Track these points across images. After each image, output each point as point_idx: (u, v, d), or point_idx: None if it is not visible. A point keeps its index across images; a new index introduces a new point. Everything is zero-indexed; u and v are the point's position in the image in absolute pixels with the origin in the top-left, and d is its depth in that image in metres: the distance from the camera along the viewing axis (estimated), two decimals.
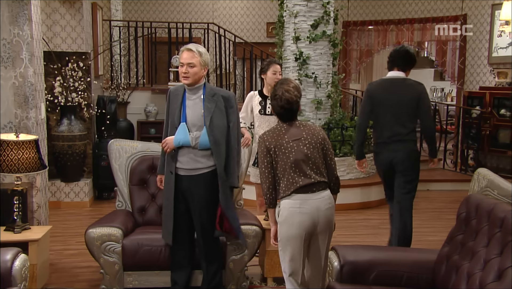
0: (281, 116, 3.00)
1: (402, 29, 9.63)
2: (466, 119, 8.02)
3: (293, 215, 2.84)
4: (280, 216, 2.89)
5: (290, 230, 2.86)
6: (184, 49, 3.37)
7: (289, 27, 6.45)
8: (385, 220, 5.88)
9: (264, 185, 2.90)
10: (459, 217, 2.74)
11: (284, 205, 2.87)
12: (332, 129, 6.38)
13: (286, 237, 2.88)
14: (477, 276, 2.36)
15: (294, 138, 2.92)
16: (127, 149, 4.07)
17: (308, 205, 2.85)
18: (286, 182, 2.86)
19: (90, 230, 3.56)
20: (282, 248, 2.92)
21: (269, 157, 2.89)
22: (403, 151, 4.02)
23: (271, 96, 3.02)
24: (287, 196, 2.86)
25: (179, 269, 3.53)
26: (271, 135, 2.94)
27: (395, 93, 4.03)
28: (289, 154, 2.88)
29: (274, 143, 2.90)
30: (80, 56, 6.18)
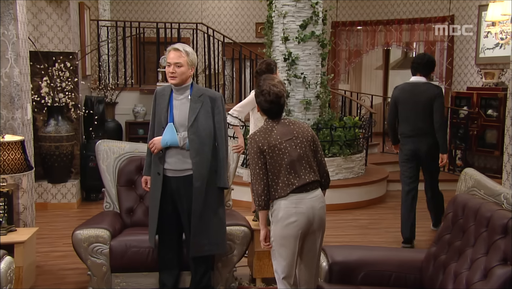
0: (269, 113, 2.96)
1: (390, 29, 9.70)
2: (454, 119, 8.09)
3: (289, 215, 2.84)
4: (275, 216, 2.88)
5: (285, 229, 2.85)
6: (170, 48, 3.36)
7: (278, 28, 6.46)
8: (374, 220, 5.93)
9: (258, 186, 2.84)
10: (447, 217, 2.76)
11: (280, 205, 2.86)
12: (321, 130, 6.40)
13: (281, 237, 2.86)
14: (463, 275, 2.38)
15: (286, 138, 2.90)
16: (115, 149, 4.05)
17: (303, 205, 2.86)
18: (281, 184, 2.84)
19: (77, 231, 3.54)
20: (276, 248, 2.90)
21: (263, 158, 2.85)
22: (425, 142, 4.86)
23: (256, 94, 2.97)
24: (283, 197, 2.85)
25: (167, 270, 3.52)
26: (262, 136, 2.89)
27: (416, 95, 4.85)
28: (283, 155, 2.86)
29: (267, 145, 2.86)
30: (67, 56, 6.13)
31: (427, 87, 4.87)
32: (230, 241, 3.65)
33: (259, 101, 2.96)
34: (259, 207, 2.88)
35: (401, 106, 4.94)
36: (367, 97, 9.82)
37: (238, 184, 5.68)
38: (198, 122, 3.33)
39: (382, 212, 6.32)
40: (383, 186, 6.96)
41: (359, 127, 6.99)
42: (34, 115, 5.89)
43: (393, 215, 6.15)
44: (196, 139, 3.32)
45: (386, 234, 5.44)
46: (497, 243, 2.27)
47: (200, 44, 9.25)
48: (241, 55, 8.45)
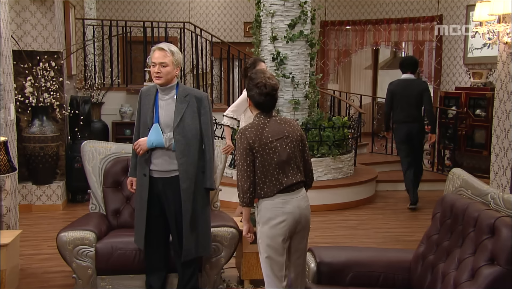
0: (263, 106, 2.92)
1: (379, 29, 9.75)
2: (442, 119, 8.15)
3: (277, 215, 2.84)
4: (261, 217, 2.87)
5: (273, 230, 2.85)
6: (155, 48, 3.34)
7: (266, 27, 6.46)
8: (363, 221, 5.96)
9: (244, 184, 2.83)
10: (435, 217, 2.78)
11: (266, 205, 2.86)
12: (310, 130, 6.41)
13: (269, 238, 2.86)
14: (451, 275, 2.39)
15: (278, 138, 2.89)
16: (100, 150, 4.02)
17: (290, 204, 2.86)
18: (268, 183, 2.84)
19: (62, 233, 3.51)
20: (264, 250, 2.90)
21: (251, 155, 2.82)
22: (416, 127, 6.22)
23: (249, 87, 2.91)
24: (269, 196, 2.85)
25: (154, 272, 3.50)
26: (254, 132, 2.85)
27: (408, 88, 6.16)
28: (273, 155, 2.85)
29: (258, 142, 2.84)
30: (52, 56, 6.08)
31: (417, 82, 6.32)
32: (218, 242, 3.64)
33: (252, 95, 2.90)
34: (244, 203, 2.88)
35: (397, 98, 6.20)
36: (356, 97, 9.87)
37: (227, 185, 5.67)
38: (184, 123, 3.32)
39: (371, 212, 6.35)
40: (372, 186, 6.99)
41: (348, 128, 7.01)
42: (18, 115, 5.83)
43: (382, 216, 6.19)
44: (182, 140, 3.31)
45: (375, 234, 5.46)
46: (484, 243, 2.29)
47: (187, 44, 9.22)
48: (229, 55, 8.44)
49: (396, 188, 7.49)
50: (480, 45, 8.04)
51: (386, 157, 8.61)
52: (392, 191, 7.41)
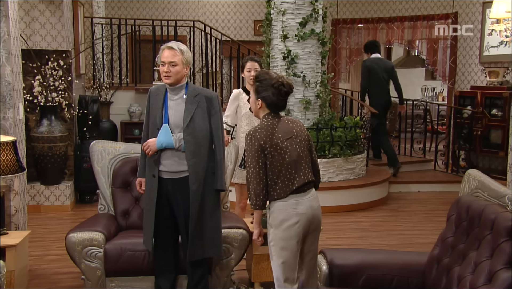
0: (276, 107, 2.92)
1: (392, 27, 9.70)
2: (457, 119, 8.09)
3: (290, 216, 2.84)
4: (274, 219, 2.86)
5: (287, 232, 2.84)
6: (164, 47, 3.34)
7: (277, 25, 6.45)
8: (375, 223, 5.93)
9: (257, 186, 2.82)
10: (450, 219, 2.76)
11: (279, 207, 2.85)
12: (321, 130, 6.40)
13: (282, 240, 2.85)
14: (467, 279, 2.37)
15: (287, 137, 2.89)
16: (109, 150, 4.04)
17: (303, 205, 2.87)
18: (281, 184, 2.84)
19: (71, 234, 3.53)
20: (277, 252, 2.88)
21: (263, 156, 2.82)
22: (388, 99, 7.75)
23: (264, 88, 2.89)
24: (282, 198, 2.84)
25: (163, 274, 3.51)
26: (264, 133, 2.85)
27: (380, 65, 7.58)
28: (284, 155, 2.85)
29: (269, 143, 2.83)
30: (61, 55, 6.12)
31: (385, 61, 8.08)
32: (228, 244, 3.64)
33: (267, 95, 2.88)
34: (256, 206, 2.87)
35: (373, 74, 7.52)
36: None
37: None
38: (194, 123, 3.32)
39: (383, 214, 6.32)
40: (384, 187, 6.96)
41: (360, 128, 6.99)
42: (27, 115, 5.87)
43: (395, 217, 6.16)
44: (192, 141, 3.31)
45: (388, 236, 5.44)
46: (502, 246, 2.27)
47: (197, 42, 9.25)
48: (239, 54, 8.45)
49: (410, 189, 7.45)
50: (497, 43, 7.97)
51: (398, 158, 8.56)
52: (405, 192, 7.37)
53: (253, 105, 3.00)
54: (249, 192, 2.89)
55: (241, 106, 4.54)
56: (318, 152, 6.35)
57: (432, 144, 8.81)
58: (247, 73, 4.49)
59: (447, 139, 8.33)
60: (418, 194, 7.35)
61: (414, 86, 12.59)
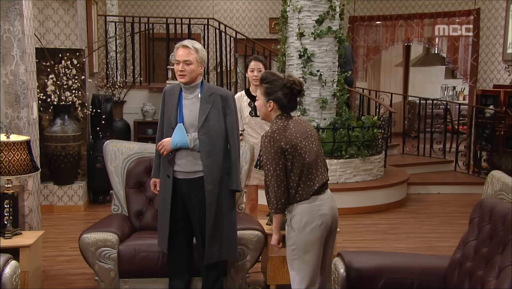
0: (289, 107, 2.89)
1: (411, 24, 9.63)
2: (479, 119, 7.99)
3: (314, 218, 2.83)
4: (298, 221, 2.82)
5: (312, 234, 2.82)
6: (179, 46, 3.35)
7: (293, 23, 6.44)
8: (394, 225, 5.89)
9: (278, 189, 2.78)
10: (472, 222, 2.73)
11: (303, 209, 2.82)
12: (338, 130, 6.37)
13: (307, 243, 2.83)
14: (491, 284, 2.34)
15: (304, 136, 2.87)
16: (123, 150, 4.07)
17: (325, 206, 2.87)
18: (303, 185, 2.82)
19: (85, 235, 3.55)
20: (299, 256, 2.84)
21: (283, 158, 2.78)
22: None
23: (274, 89, 2.85)
24: (305, 199, 2.82)
25: (177, 276, 3.52)
26: (283, 134, 2.81)
27: None
28: (304, 155, 2.83)
29: (289, 144, 2.79)
30: (74, 53, 6.18)
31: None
32: (243, 246, 3.64)
33: (279, 96, 2.84)
34: (277, 210, 2.83)
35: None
36: (386, 96, 9.77)
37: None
38: (209, 123, 3.33)
39: (402, 216, 6.28)
40: (403, 189, 6.91)
41: (378, 127, 6.94)
42: (40, 114, 5.94)
43: (414, 220, 6.12)
44: (207, 140, 3.32)
45: (407, 239, 5.40)
46: None
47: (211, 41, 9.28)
48: (254, 52, 8.45)
49: (429, 190, 7.39)
50: None
51: (418, 158, 8.51)
52: (424, 194, 7.31)
53: (262, 108, 2.92)
54: (268, 196, 2.86)
55: (243, 110, 4.50)
56: (334, 152, 6.34)
57: (452, 144, 8.73)
58: (250, 73, 4.48)
59: (469, 139, 8.24)
60: (438, 195, 7.28)
61: (433, 85, 12.49)
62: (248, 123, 4.51)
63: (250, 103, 4.49)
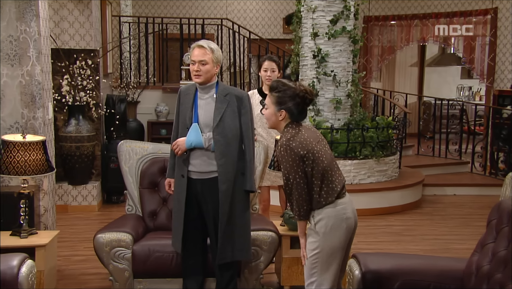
0: (302, 115, 2.89)
1: (427, 24, 9.56)
2: (496, 119, 7.91)
3: (341, 222, 2.83)
4: (323, 226, 2.82)
5: (337, 238, 2.83)
6: (195, 46, 3.37)
7: (307, 23, 6.43)
8: (409, 227, 5.86)
9: (299, 197, 2.79)
10: (490, 224, 2.70)
11: (329, 213, 2.82)
12: (352, 130, 6.35)
13: (332, 248, 2.83)
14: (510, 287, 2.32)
15: (317, 141, 2.88)
16: (137, 150, 4.10)
17: (348, 209, 2.87)
18: (326, 189, 2.82)
19: (99, 235, 3.58)
20: (324, 260, 2.83)
21: (302, 165, 2.79)
22: None
23: (285, 99, 2.84)
24: (331, 203, 2.82)
25: (191, 276, 3.54)
26: (298, 141, 2.80)
27: None
28: (322, 158, 2.83)
29: (306, 149, 2.79)
30: (89, 54, 6.24)
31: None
32: (257, 246, 3.65)
33: (292, 106, 2.84)
34: (301, 217, 2.84)
35: None
36: (401, 96, 9.71)
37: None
38: (224, 123, 3.34)
39: (417, 217, 6.24)
40: (418, 190, 6.87)
41: (393, 128, 6.91)
42: (55, 114, 5.99)
43: (429, 221, 6.08)
44: (222, 140, 3.34)
45: (422, 241, 5.36)
46: None
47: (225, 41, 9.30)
48: (267, 52, 8.46)
49: (445, 192, 7.33)
50: None
51: (433, 159, 8.45)
52: (440, 195, 7.26)
53: (272, 117, 2.90)
54: (290, 204, 2.87)
55: (254, 108, 4.50)
56: (349, 153, 6.32)
57: (468, 145, 8.64)
58: (264, 73, 4.48)
59: (485, 140, 8.16)
60: (454, 197, 7.22)
61: (449, 85, 12.39)
62: (259, 122, 4.52)
63: (261, 101, 4.50)
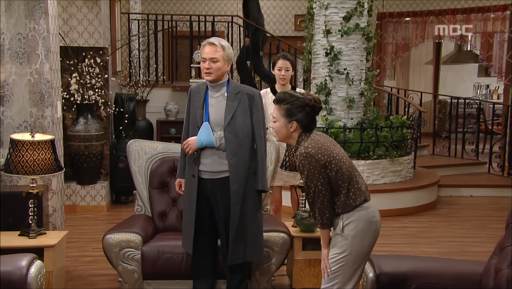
0: (314, 123, 2.92)
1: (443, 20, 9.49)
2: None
3: (371, 224, 2.85)
4: (353, 229, 2.81)
5: (367, 241, 2.85)
6: (206, 43, 3.38)
7: (320, 20, 6.41)
8: (424, 228, 5.82)
9: (321, 205, 2.78)
10: (509, 226, 2.67)
11: (360, 216, 2.82)
12: (366, 130, 6.32)
13: (361, 250, 2.83)
14: None
15: (332, 144, 2.88)
16: (147, 150, 4.11)
17: (376, 211, 2.89)
18: (353, 190, 2.82)
19: (108, 235, 3.60)
20: (351, 263, 2.81)
21: (325, 172, 2.78)
22: None
23: (297, 109, 2.84)
24: (360, 204, 2.82)
25: (202, 278, 3.54)
26: (316, 147, 2.79)
27: None
28: (343, 160, 2.84)
29: (326, 155, 2.79)
30: (98, 52, 6.26)
31: None
32: (269, 248, 3.65)
33: (302, 116, 2.84)
34: (324, 225, 2.83)
35: None
36: (416, 95, 9.65)
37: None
38: (235, 121, 3.34)
39: (432, 219, 6.20)
40: (433, 191, 6.82)
41: (407, 127, 6.87)
42: (63, 113, 6.02)
43: (445, 223, 6.04)
44: (233, 139, 3.33)
45: (437, 243, 5.33)
46: None
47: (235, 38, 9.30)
48: (279, 50, 8.45)
49: (461, 193, 7.28)
50: None
51: (449, 160, 8.39)
52: (456, 196, 7.21)
53: (282, 130, 2.88)
54: (312, 213, 2.87)
55: (267, 107, 4.50)
56: (362, 153, 6.29)
57: (485, 145, 8.57)
58: (277, 72, 4.48)
59: (503, 140, 8.08)
60: (470, 198, 7.16)
61: (465, 84, 12.28)
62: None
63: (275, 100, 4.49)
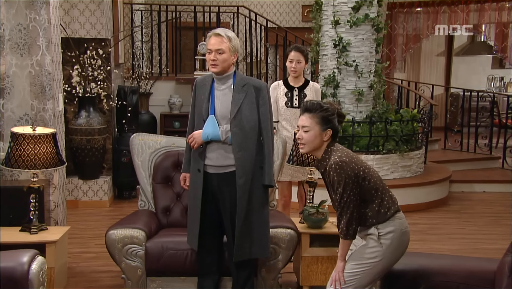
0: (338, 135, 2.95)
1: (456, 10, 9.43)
2: None
3: (404, 235, 2.88)
4: (390, 238, 2.83)
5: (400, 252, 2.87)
6: (211, 34, 3.37)
7: (328, 10, 6.39)
8: (435, 225, 5.81)
9: (350, 216, 2.79)
10: None
11: (397, 226, 2.85)
12: (375, 124, 6.31)
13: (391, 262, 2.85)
14: None
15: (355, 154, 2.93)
16: (150, 144, 4.11)
17: (406, 222, 2.92)
18: (387, 198, 2.86)
19: (111, 231, 3.61)
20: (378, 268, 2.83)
21: (357, 181, 2.80)
22: None
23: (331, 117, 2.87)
24: (395, 212, 2.85)
25: (207, 275, 3.55)
26: (349, 157, 2.82)
27: None
28: (373, 171, 2.89)
29: (358, 164, 2.82)
30: (100, 43, 6.26)
31: None
32: (275, 244, 3.64)
33: (336, 124, 2.89)
34: (347, 236, 2.82)
35: None
36: (427, 88, 9.60)
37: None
38: (242, 114, 3.33)
39: (444, 215, 6.19)
40: (445, 186, 6.80)
41: (418, 121, 6.85)
42: (65, 106, 6.03)
43: (457, 220, 6.02)
44: (240, 133, 3.33)
45: (448, 240, 5.32)
46: None
47: (241, 30, 9.28)
48: (285, 41, 8.42)
49: (473, 189, 7.26)
50: None
51: (461, 154, 8.37)
52: (468, 192, 7.19)
53: (316, 139, 2.86)
54: (338, 222, 2.88)
55: (279, 100, 4.50)
56: (371, 147, 6.28)
57: (499, 140, 8.53)
58: (289, 64, 4.48)
59: None
60: (483, 194, 7.14)
61: (479, 76, 12.21)
62: (283, 115, 4.51)
63: (287, 93, 4.49)
